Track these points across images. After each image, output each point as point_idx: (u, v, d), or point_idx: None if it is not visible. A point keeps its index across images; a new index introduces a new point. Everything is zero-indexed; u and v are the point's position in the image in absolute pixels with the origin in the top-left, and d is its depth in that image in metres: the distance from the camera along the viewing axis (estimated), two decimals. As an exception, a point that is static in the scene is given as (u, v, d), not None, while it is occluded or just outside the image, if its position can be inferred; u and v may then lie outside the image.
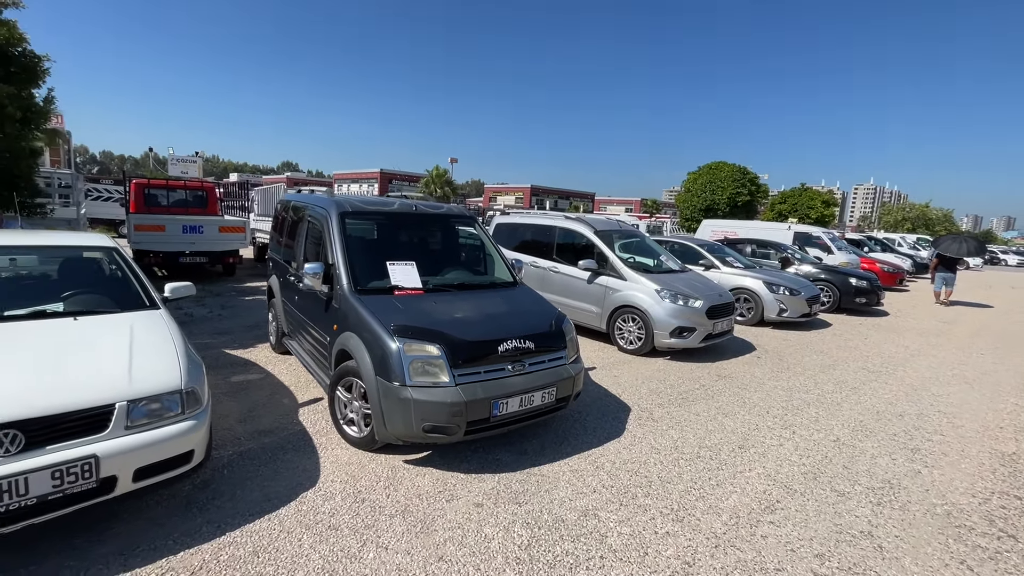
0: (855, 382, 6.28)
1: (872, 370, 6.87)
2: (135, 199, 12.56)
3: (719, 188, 30.00)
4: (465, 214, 5.39)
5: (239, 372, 5.43)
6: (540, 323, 4.09)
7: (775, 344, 8.06)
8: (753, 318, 9.36)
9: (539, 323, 4.09)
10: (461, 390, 3.37)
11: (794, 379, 6.26)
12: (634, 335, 6.96)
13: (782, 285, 9.28)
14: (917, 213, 52.43)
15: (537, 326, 4.03)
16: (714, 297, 7.00)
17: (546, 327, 4.06)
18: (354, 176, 74.58)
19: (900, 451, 4.32)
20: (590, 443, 4.13)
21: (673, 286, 6.91)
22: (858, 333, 9.39)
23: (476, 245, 5.30)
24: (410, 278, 4.22)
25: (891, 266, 16.77)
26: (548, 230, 8.29)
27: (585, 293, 7.51)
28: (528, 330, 3.90)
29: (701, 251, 10.30)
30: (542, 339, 3.93)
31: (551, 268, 7.97)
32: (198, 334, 6.92)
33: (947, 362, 7.56)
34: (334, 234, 4.33)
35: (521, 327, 3.91)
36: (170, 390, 2.77)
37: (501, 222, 9.31)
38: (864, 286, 11.28)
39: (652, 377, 6.03)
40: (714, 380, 6.04)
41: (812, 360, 7.22)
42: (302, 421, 4.27)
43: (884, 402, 5.59)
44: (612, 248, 7.45)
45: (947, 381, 6.55)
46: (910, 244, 27.13)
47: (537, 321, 4.12)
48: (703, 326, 6.70)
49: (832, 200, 34.57)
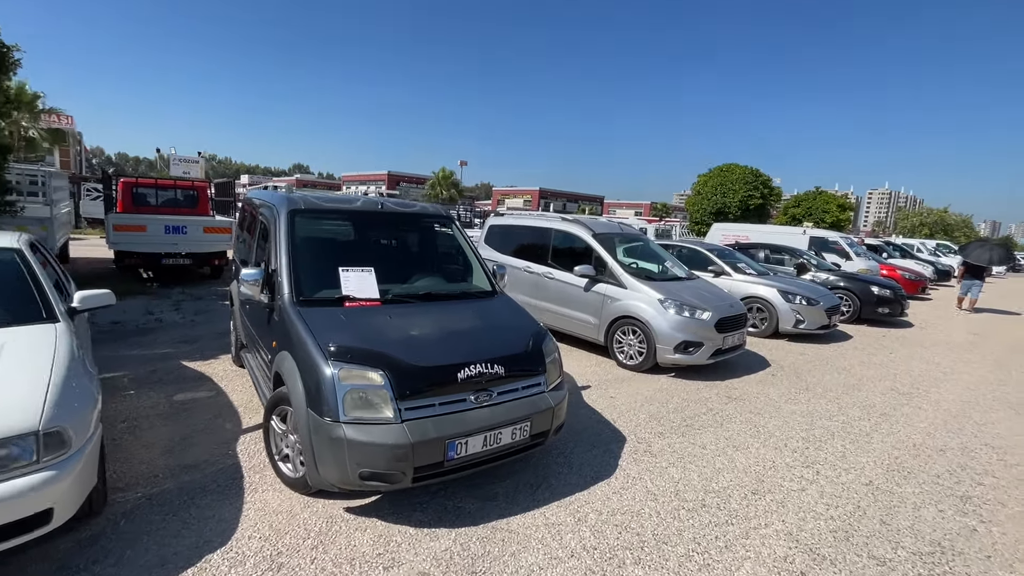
0: (884, 407, 5.54)
1: (902, 392, 6.13)
2: (122, 198, 12.12)
3: (730, 191, 29.11)
4: (441, 213, 4.76)
5: (188, 389, 4.84)
6: (515, 342, 3.44)
7: (791, 359, 7.33)
8: (767, 329, 8.63)
9: (514, 342, 3.44)
10: (408, 428, 2.74)
11: (814, 402, 5.55)
12: (634, 349, 6.28)
13: (799, 294, 8.54)
14: (935, 218, 51.06)
15: (511, 345, 3.39)
16: (724, 308, 6.30)
17: (522, 347, 3.41)
18: (362, 178, 74.70)
19: (947, 499, 3.61)
20: (574, 485, 3.47)
21: (679, 295, 6.23)
22: (882, 347, 8.62)
23: (453, 249, 4.67)
24: (366, 287, 3.60)
25: (913, 273, 15.88)
26: (543, 232, 7.64)
27: (581, 302, 6.84)
28: (499, 351, 3.25)
29: (711, 256, 9.58)
30: (516, 362, 3.28)
31: (545, 274, 7.32)
32: (161, 342, 6.37)
33: (985, 382, 6.78)
34: (280, 235, 3.73)
35: (491, 347, 3.27)
36: (20, 432, 2.17)
37: (494, 224, 8.68)
38: (887, 295, 10.48)
39: (653, 398, 5.35)
40: (723, 403, 5.35)
41: (833, 379, 6.49)
42: (239, 453, 3.65)
43: (920, 432, 4.86)
44: (612, 253, 6.78)
45: (988, 406, 5.79)
46: (930, 250, 26.10)
47: (512, 339, 3.47)
48: (711, 340, 6.00)
49: (848, 204, 33.52)
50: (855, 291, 10.55)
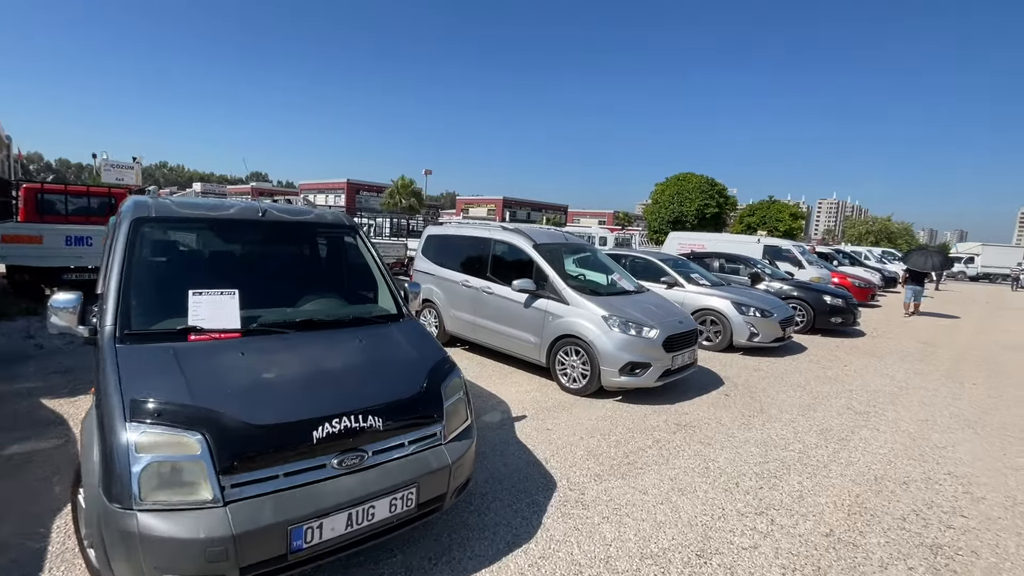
0: (842, 429, 5.14)
1: (859, 411, 5.77)
2: (24, 206, 10.84)
3: (687, 200, 29.41)
4: (342, 222, 4.04)
5: (32, 437, 3.94)
6: (405, 382, 2.77)
7: (746, 376, 6.93)
8: (721, 343, 8.25)
9: (404, 382, 2.76)
10: (232, 513, 2.02)
11: (769, 427, 5.09)
12: (578, 371, 5.70)
13: (752, 306, 8.21)
14: (880, 226, 53.47)
15: (399, 387, 2.71)
16: (673, 324, 5.80)
17: (414, 388, 2.74)
18: (320, 186, 72.60)
19: (917, 551, 3.13)
20: (482, 557, 2.81)
21: (624, 312, 5.69)
22: (836, 359, 8.38)
23: (355, 264, 3.97)
24: (223, 314, 2.86)
25: (862, 280, 16.09)
26: (482, 243, 7.01)
27: (521, 319, 6.23)
28: (379, 397, 2.57)
29: (664, 267, 9.18)
30: (402, 410, 2.61)
31: (484, 288, 6.68)
32: (30, 374, 5.42)
33: (940, 396, 6.54)
34: (116, 249, 2.95)
35: (369, 392, 2.58)
36: None
37: (432, 233, 8.00)
38: (839, 304, 10.35)
39: (595, 429, 4.76)
40: (672, 432, 4.81)
41: (789, 398, 6.09)
42: (54, 531, 2.83)
43: (881, 461, 4.44)
44: (554, 265, 6.20)
45: (947, 425, 5.48)
46: (876, 257, 26.96)
47: (402, 378, 2.80)
48: (659, 361, 5.48)
49: (800, 213, 34.51)
50: (808, 301, 10.38)
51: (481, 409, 5.10)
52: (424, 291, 7.66)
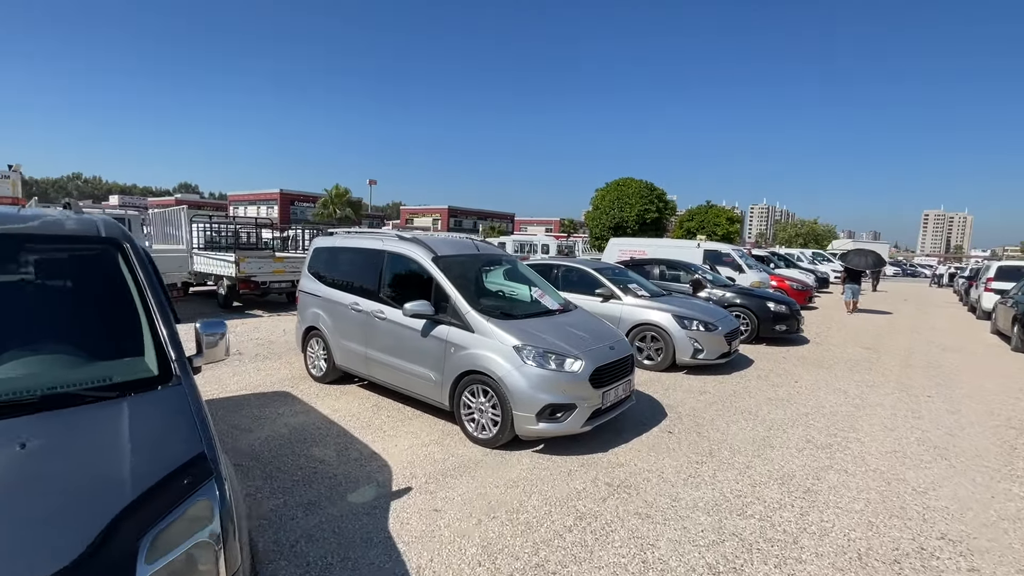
0: (805, 475, 4.21)
1: (820, 444, 4.90)
2: None
3: (627, 205, 29.20)
4: (90, 234, 2.63)
5: None
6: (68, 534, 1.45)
7: (691, 403, 5.97)
8: (663, 361, 7.32)
9: (64, 535, 1.44)
10: None
11: (721, 478, 4.07)
12: (487, 416, 4.49)
13: (696, 319, 7.34)
14: (807, 229, 56.15)
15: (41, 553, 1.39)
16: (602, 352, 4.71)
17: (74, 550, 1.42)
18: (252, 197, 68.36)
19: None
20: None
21: (543, 339, 4.55)
22: (785, 372, 7.65)
23: (106, 298, 2.58)
24: None
25: (799, 283, 15.97)
26: (374, 256, 5.69)
27: (418, 352, 4.97)
28: None
29: (599, 277, 8.19)
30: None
31: (376, 313, 5.37)
32: None
33: (900, 416, 5.83)
34: None
35: None
36: None
37: (320, 246, 6.59)
38: (783, 311, 9.77)
39: (500, 503, 3.56)
40: (601, 498, 3.69)
41: (741, 430, 5.15)
42: None
43: (859, 522, 3.50)
44: (458, 282, 4.98)
45: (918, 456, 4.70)
46: (808, 259, 27.69)
47: (66, 527, 1.47)
48: (587, 400, 4.37)
49: (736, 217, 35.28)
50: (752, 309, 9.73)
51: (351, 481, 3.78)
52: (309, 317, 6.25)
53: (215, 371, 6.56)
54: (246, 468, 3.95)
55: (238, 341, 8.46)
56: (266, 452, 4.25)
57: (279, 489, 3.66)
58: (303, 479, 3.81)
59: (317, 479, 3.82)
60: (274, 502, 3.48)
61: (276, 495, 3.58)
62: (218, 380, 6.23)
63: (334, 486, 3.72)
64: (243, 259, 11.43)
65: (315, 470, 3.96)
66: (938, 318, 15.50)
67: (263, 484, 3.72)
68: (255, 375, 6.52)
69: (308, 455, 4.23)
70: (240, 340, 8.53)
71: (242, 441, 4.46)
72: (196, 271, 13.27)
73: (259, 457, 4.15)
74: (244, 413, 5.15)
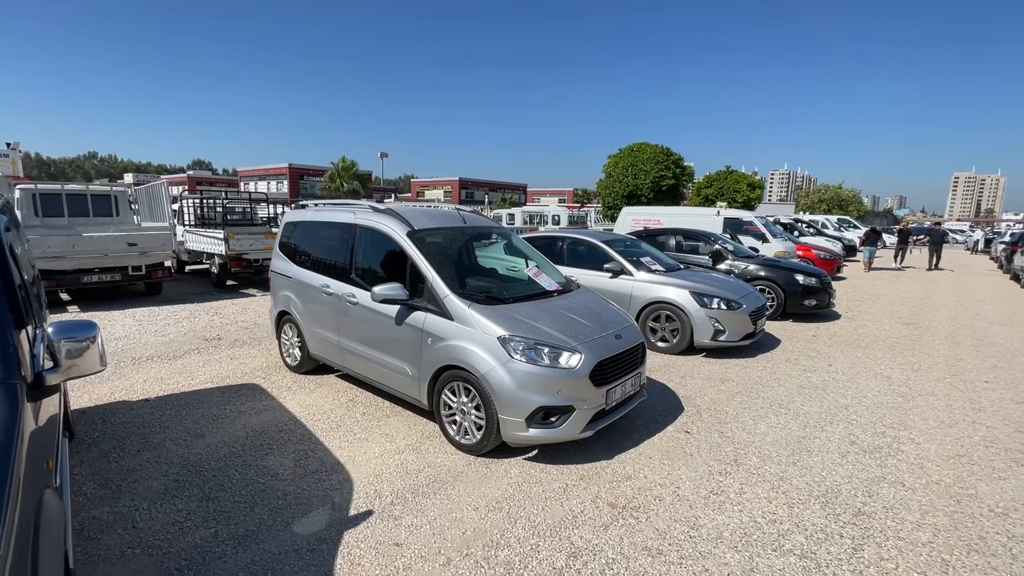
0: (853, 492, 3.46)
1: (867, 448, 4.13)
2: None
3: (641, 172, 27.76)
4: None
5: None
6: None
7: (711, 394, 5.23)
8: (679, 344, 6.55)
9: None
10: None
11: (749, 495, 3.36)
12: (470, 419, 3.82)
13: (716, 296, 6.52)
14: (832, 194, 53.73)
15: None
16: (606, 343, 3.96)
17: None
18: (262, 172, 67.85)
19: None
20: None
21: (535, 327, 3.81)
22: (817, 354, 6.83)
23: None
24: None
25: (827, 252, 14.88)
26: (346, 231, 4.96)
27: (393, 342, 4.28)
28: None
29: (608, 251, 7.37)
30: None
31: (347, 296, 4.67)
32: None
33: (957, 409, 5.02)
34: None
35: None
36: None
37: (291, 221, 5.89)
38: (813, 284, 8.85)
39: (477, 532, 2.91)
40: (603, 525, 3.01)
41: (770, 431, 4.41)
42: None
43: (931, 561, 2.76)
44: (436, 260, 4.24)
45: (987, 462, 3.91)
46: (834, 226, 26.24)
47: None
48: (587, 401, 3.66)
49: (758, 183, 33.53)
50: (778, 282, 8.83)
51: (302, 502, 3.16)
52: (281, 300, 5.61)
53: (184, 360, 6.00)
54: (182, 485, 3.35)
55: (222, 324, 7.91)
56: (212, 463, 3.64)
57: (214, 515, 3.05)
58: (246, 500, 3.20)
59: (263, 500, 3.20)
60: (202, 533, 2.87)
61: (208, 523, 2.97)
62: (186, 370, 5.66)
63: (280, 510, 3.10)
64: (232, 236, 10.83)
65: (263, 488, 3.34)
66: (979, 287, 14.35)
67: (196, 508, 3.11)
68: (227, 364, 5.94)
69: (260, 467, 3.61)
70: (224, 323, 7.97)
71: (190, 449, 3.87)
72: (190, 249, 12.78)
73: (202, 470, 3.55)
74: (202, 411, 4.56)
